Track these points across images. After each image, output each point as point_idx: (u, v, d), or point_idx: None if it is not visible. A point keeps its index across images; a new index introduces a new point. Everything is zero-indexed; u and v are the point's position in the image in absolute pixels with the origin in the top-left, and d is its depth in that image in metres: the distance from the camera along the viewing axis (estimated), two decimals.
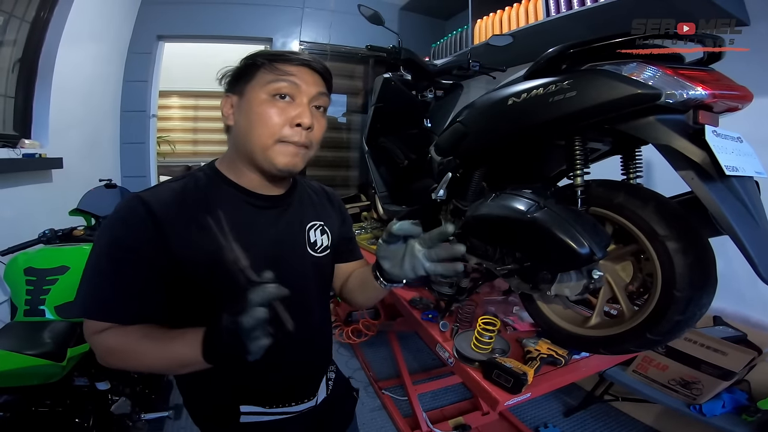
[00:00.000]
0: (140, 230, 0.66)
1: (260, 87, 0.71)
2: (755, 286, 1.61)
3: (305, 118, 0.71)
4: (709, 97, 0.73)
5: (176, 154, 4.66)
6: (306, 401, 0.85)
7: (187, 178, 0.76)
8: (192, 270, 0.69)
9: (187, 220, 0.69)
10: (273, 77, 0.71)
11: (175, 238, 0.67)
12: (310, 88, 0.73)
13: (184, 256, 0.68)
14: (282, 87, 0.71)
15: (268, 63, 0.72)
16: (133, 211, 0.67)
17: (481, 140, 1.14)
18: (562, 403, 2.17)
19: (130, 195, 0.71)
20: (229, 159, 0.79)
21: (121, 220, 0.68)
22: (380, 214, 2.09)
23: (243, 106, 0.73)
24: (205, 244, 0.69)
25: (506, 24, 2.34)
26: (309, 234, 0.85)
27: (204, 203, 0.72)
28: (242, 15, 3.09)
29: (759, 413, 1.48)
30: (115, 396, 1.45)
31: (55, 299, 1.31)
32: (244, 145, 0.73)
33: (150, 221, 0.66)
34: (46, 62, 2.13)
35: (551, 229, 0.83)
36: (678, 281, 0.78)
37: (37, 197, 2.01)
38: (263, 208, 0.78)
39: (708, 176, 0.70)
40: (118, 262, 0.66)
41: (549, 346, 1.07)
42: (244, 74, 0.74)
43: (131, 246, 0.66)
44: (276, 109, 0.71)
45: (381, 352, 2.55)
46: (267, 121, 0.70)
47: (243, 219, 0.75)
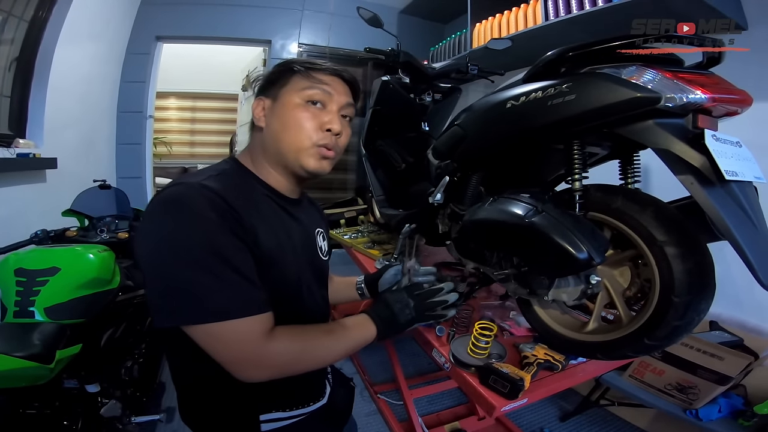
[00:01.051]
0: (228, 216, 0.62)
1: (295, 92, 0.75)
2: (752, 291, 1.62)
3: (335, 124, 0.76)
4: (708, 101, 0.73)
5: (173, 155, 4.64)
6: (321, 399, 0.87)
7: (221, 174, 0.71)
8: (258, 261, 0.66)
9: (248, 214, 0.66)
10: (308, 84, 0.75)
11: (250, 229, 0.65)
12: (340, 97, 0.78)
13: (257, 249, 0.66)
14: (316, 94, 0.75)
15: (305, 70, 0.76)
16: (211, 199, 0.62)
17: (479, 144, 1.13)
18: (559, 408, 2.16)
19: (185, 187, 0.63)
20: (254, 158, 0.80)
21: (204, 209, 0.61)
22: (377, 218, 2.08)
23: (277, 109, 0.76)
24: (267, 236, 0.69)
25: (505, 28, 2.35)
26: (317, 238, 0.89)
27: (251, 200, 0.71)
28: (241, 17, 3.09)
29: (755, 418, 1.47)
30: (105, 399, 1.43)
31: (45, 301, 1.29)
32: (276, 145, 0.76)
33: (230, 208, 0.63)
34: (43, 61, 2.12)
35: (549, 234, 0.83)
36: (676, 286, 0.78)
37: (30, 197, 1.99)
38: (287, 209, 0.80)
39: (707, 181, 0.70)
40: (223, 252, 0.60)
41: (546, 351, 1.06)
42: (279, 79, 0.78)
43: (226, 231, 0.61)
44: (309, 114, 0.75)
45: (376, 356, 2.53)
46: (300, 124, 0.74)
47: (279, 217, 0.77)
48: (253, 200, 0.72)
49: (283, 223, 0.77)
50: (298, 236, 0.79)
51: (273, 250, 0.69)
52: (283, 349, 0.64)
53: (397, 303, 0.82)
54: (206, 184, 0.63)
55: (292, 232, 0.78)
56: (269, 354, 0.63)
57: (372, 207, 2.13)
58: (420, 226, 1.54)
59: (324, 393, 0.89)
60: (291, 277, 0.75)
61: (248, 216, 0.66)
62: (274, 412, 0.78)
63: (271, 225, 0.72)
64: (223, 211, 0.62)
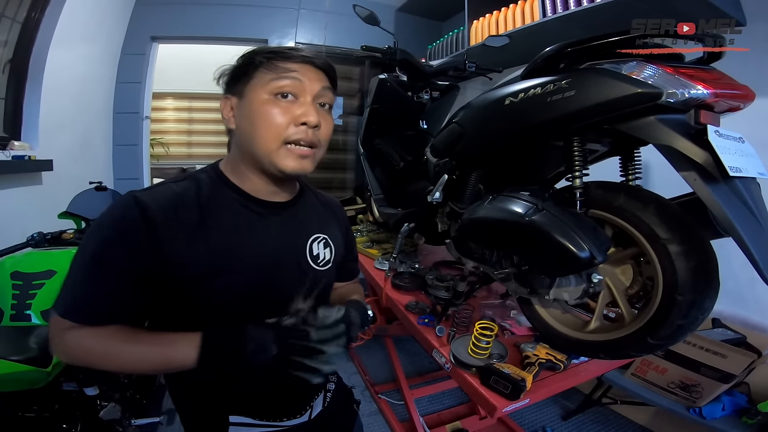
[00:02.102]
0: (132, 231, 0.63)
1: (261, 86, 0.68)
2: (754, 288, 1.61)
3: (311, 116, 0.67)
4: (710, 97, 0.72)
5: (170, 156, 4.62)
6: (298, 416, 0.82)
7: (188, 179, 0.72)
8: (183, 274, 0.65)
9: (184, 223, 0.66)
10: (274, 75, 0.67)
11: (169, 240, 0.64)
12: (313, 84, 0.69)
13: (176, 259, 0.64)
14: (284, 85, 0.67)
15: (267, 61, 0.68)
16: (127, 211, 0.64)
17: (477, 141, 1.12)
18: (561, 407, 2.15)
19: (126, 194, 0.67)
20: (232, 162, 0.75)
21: (114, 219, 0.64)
22: (376, 217, 2.07)
23: (244, 107, 0.69)
24: (201, 248, 0.66)
25: (502, 25, 2.33)
26: (312, 246, 0.81)
27: (204, 206, 0.69)
28: (237, 16, 3.07)
29: (759, 416, 1.47)
30: (104, 401, 1.42)
31: (41, 304, 1.28)
32: (249, 149, 0.70)
33: (143, 223, 0.63)
34: (37, 63, 2.10)
35: (550, 233, 0.82)
36: (680, 285, 0.77)
37: (26, 200, 1.97)
38: (264, 214, 0.75)
39: (711, 177, 0.69)
40: (104, 264, 0.63)
41: (548, 350, 1.05)
42: (243, 74, 0.70)
43: (120, 247, 0.63)
44: (279, 109, 0.67)
45: (377, 356, 2.52)
46: (270, 122, 0.67)
47: (242, 224, 0.72)
48: (209, 208, 0.69)
49: (247, 229, 0.72)
50: (267, 244, 0.74)
51: (220, 259, 0.67)
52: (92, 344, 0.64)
53: (255, 339, 0.62)
54: (138, 194, 0.65)
55: (261, 238, 0.73)
56: (69, 346, 0.65)
57: (371, 206, 2.13)
58: (419, 225, 1.53)
59: (304, 411, 0.83)
60: (243, 285, 0.70)
61: (178, 227, 0.65)
62: (244, 416, 0.76)
63: (224, 233, 0.69)
64: (130, 221, 0.63)
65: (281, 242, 0.76)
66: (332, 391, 0.93)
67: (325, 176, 3.53)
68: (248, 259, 0.70)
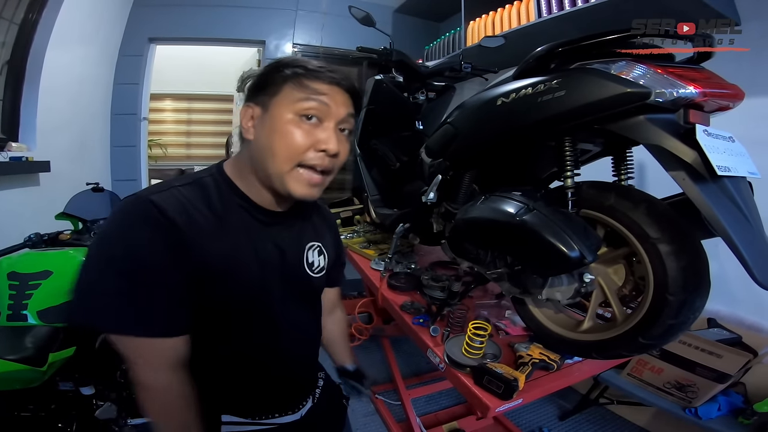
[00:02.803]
0: (159, 237, 0.61)
1: (287, 104, 0.66)
2: (749, 288, 1.58)
3: (331, 143, 0.67)
4: (699, 96, 0.72)
5: (168, 157, 4.62)
6: (290, 413, 0.83)
7: (193, 184, 0.70)
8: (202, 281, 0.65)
9: (198, 226, 0.65)
10: (303, 96, 0.66)
11: (190, 241, 0.63)
12: (339, 109, 0.69)
13: (201, 265, 0.64)
14: (311, 107, 0.66)
15: (296, 77, 0.66)
16: (148, 215, 0.61)
17: (470, 141, 1.12)
18: (558, 407, 2.15)
19: (135, 198, 0.64)
20: (240, 169, 0.74)
21: (134, 227, 0.62)
22: (373, 218, 2.07)
23: (266, 121, 0.68)
24: (211, 251, 0.66)
25: (498, 25, 2.34)
26: (307, 254, 0.83)
27: (215, 212, 0.69)
28: (235, 17, 3.08)
29: (755, 416, 1.46)
30: (100, 401, 1.42)
31: (37, 304, 1.28)
32: (263, 163, 0.69)
33: (168, 227, 0.61)
34: (34, 64, 2.11)
35: (540, 232, 0.82)
36: (670, 284, 0.77)
37: (23, 201, 1.98)
38: (266, 223, 0.75)
39: (700, 177, 0.69)
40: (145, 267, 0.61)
41: (541, 350, 1.05)
42: (270, 85, 0.68)
43: (151, 256, 0.61)
44: (302, 131, 0.66)
45: (374, 357, 2.52)
46: (290, 142, 0.66)
47: (249, 231, 0.72)
48: (217, 213, 0.69)
49: (250, 237, 0.72)
50: (269, 251, 0.74)
51: (226, 265, 0.67)
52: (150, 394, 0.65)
53: None
54: (152, 198, 0.63)
55: (263, 246, 0.73)
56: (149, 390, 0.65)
57: (367, 206, 2.13)
58: (414, 226, 1.53)
59: (297, 407, 0.84)
60: (245, 292, 0.71)
61: (194, 231, 0.64)
62: (234, 416, 0.77)
63: (231, 239, 0.69)
64: (154, 227, 0.61)
65: (282, 250, 0.77)
66: (321, 387, 0.94)
67: None
68: (251, 266, 0.71)
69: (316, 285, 0.85)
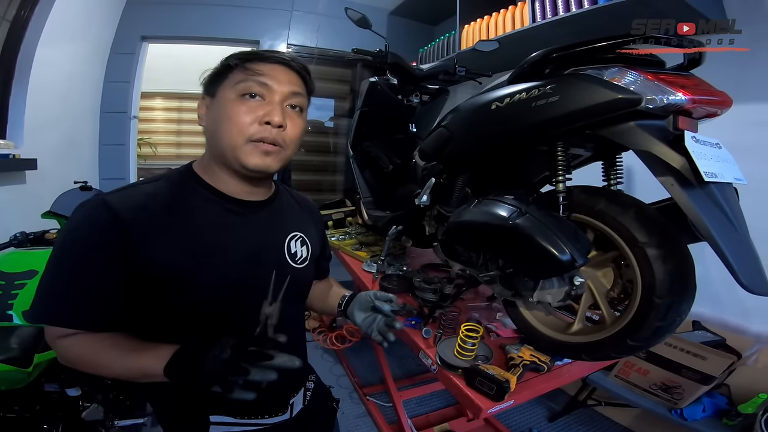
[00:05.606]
0: (104, 234, 0.63)
1: (230, 87, 0.70)
2: (733, 292, 1.63)
3: (275, 116, 0.69)
4: (688, 103, 0.73)
5: (158, 156, 4.56)
6: (280, 414, 0.83)
7: (161, 180, 0.74)
8: (160, 274, 0.66)
9: (157, 224, 0.67)
10: (243, 77, 0.70)
11: (143, 241, 0.65)
12: (282, 86, 0.71)
13: (152, 261, 0.65)
14: (251, 86, 0.70)
15: (241, 63, 0.71)
16: (97, 213, 0.65)
17: (464, 145, 1.13)
18: (547, 408, 2.17)
19: (94, 196, 0.68)
20: (205, 162, 0.77)
21: (85, 223, 0.65)
22: (365, 220, 2.06)
23: (214, 106, 0.72)
24: (176, 247, 0.67)
25: (493, 30, 2.36)
26: (289, 244, 0.83)
27: (177, 207, 0.70)
28: (230, 17, 3.06)
29: (739, 417, 1.49)
30: (86, 402, 1.40)
31: (23, 304, 1.26)
32: (215, 145, 0.72)
33: (115, 226, 0.63)
34: (24, 61, 2.07)
35: (532, 236, 0.83)
36: (658, 288, 0.78)
37: (9, 199, 1.94)
38: (240, 213, 0.76)
39: (687, 182, 0.70)
40: (80, 266, 0.63)
41: (532, 352, 1.06)
42: (220, 76, 0.73)
43: (95, 249, 0.64)
44: (245, 108, 0.69)
45: (365, 358, 2.52)
46: (235, 120, 0.69)
47: (219, 222, 0.73)
48: (182, 208, 0.70)
49: (224, 229, 0.73)
50: (247, 241, 0.75)
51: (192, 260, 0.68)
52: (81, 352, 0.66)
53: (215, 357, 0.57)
54: (107, 197, 0.66)
55: (238, 237, 0.74)
56: (62, 355, 0.67)
57: (360, 208, 2.12)
58: (407, 228, 1.53)
59: (286, 408, 0.84)
60: (218, 286, 0.70)
61: (151, 229, 0.66)
62: (223, 415, 0.76)
63: (200, 232, 0.70)
64: (102, 225, 0.64)
65: (260, 240, 0.77)
66: (311, 389, 0.93)
67: (315, 179, 3.53)
68: (227, 256, 0.72)
69: (298, 277, 0.83)
